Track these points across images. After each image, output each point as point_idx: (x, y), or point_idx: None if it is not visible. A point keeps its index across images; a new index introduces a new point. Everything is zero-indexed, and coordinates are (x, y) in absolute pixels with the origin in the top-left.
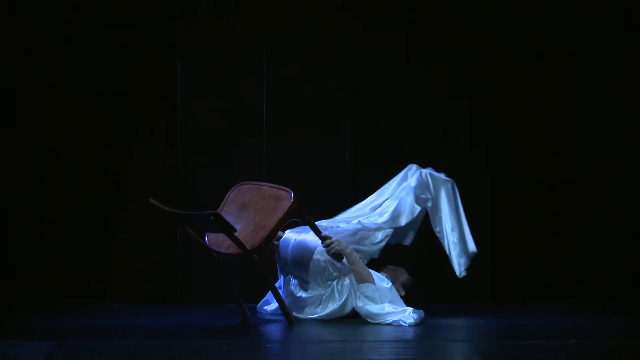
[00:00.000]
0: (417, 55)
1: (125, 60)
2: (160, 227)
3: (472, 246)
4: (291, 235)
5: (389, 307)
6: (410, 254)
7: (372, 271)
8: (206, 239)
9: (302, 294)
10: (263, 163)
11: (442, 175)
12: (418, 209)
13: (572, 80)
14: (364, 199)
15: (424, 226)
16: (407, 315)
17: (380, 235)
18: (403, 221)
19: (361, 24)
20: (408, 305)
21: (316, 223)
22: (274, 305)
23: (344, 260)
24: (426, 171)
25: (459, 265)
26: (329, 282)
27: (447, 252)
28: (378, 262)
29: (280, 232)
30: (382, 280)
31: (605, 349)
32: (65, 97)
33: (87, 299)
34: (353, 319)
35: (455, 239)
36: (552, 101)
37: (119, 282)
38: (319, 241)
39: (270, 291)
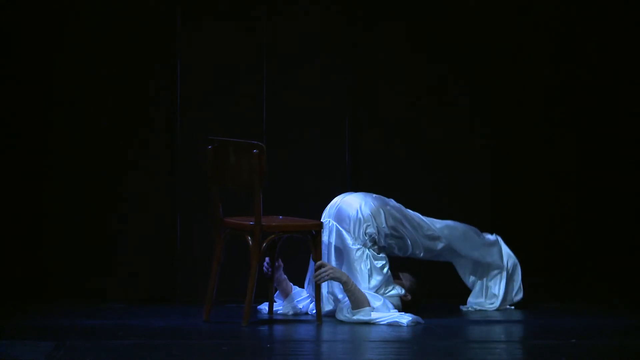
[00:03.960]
0: (418, 55)
1: (125, 60)
2: (160, 227)
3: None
4: (337, 199)
5: (381, 312)
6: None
7: (366, 292)
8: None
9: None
10: None
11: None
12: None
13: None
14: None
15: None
16: (402, 315)
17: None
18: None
19: (362, 23)
20: (413, 309)
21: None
22: (287, 304)
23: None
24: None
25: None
26: (364, 238)
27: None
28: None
29: (291, 285)
30: (375, 299)
31: (605, 349)
32: (64, 97)
33: (87, 299)
34: None
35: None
36: (555, 102)
37: (119, 282)
38: (364, 204)
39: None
